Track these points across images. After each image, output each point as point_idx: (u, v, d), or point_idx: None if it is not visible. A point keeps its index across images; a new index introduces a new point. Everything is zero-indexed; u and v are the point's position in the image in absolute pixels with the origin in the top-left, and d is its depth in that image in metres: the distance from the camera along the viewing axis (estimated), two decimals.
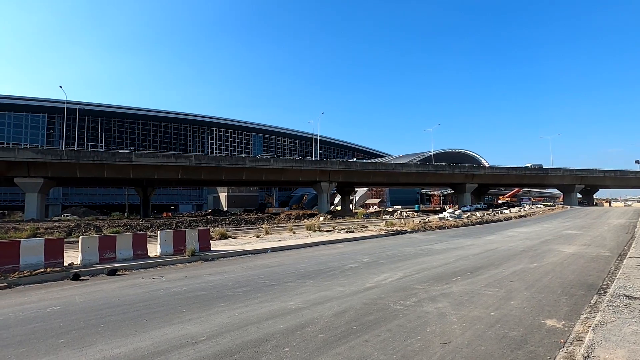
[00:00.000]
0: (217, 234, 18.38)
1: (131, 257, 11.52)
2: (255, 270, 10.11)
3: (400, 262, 10.84)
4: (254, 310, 6.16)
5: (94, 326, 5.53)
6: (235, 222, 35.59)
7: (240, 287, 8.01)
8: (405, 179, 57.18)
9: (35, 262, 9.83)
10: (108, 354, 4.42)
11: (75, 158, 37.27)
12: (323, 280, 8.47)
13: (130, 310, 6.35)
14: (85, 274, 9.73)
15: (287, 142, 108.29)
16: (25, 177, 36.26)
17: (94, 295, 7.61)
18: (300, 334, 4.93)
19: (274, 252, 14.16)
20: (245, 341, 4.71)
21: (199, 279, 9.14)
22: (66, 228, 27.51)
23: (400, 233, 21.37)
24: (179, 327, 5.38)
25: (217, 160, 44.19)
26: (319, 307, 6.23)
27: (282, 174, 47.86)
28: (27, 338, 5.09)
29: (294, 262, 11.57)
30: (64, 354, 4.48)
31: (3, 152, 35.85)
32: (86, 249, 10.71)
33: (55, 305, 6.89)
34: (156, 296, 7.39)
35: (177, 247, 12.61)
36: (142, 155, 40.67)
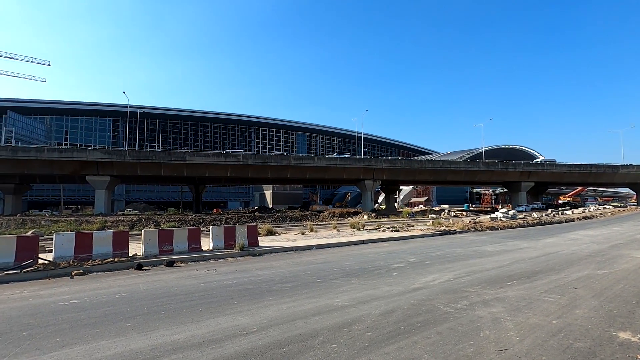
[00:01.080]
0: (263, 230, 18.98)
1: (186, 250, 12.30)
2: (301, 267, 10.31)
3: (449, 263, 10.44)
4: (301, 305, 6.29)
5: (156, 312, 5.98)
6: (280, 219, 36.50)
7: (287, 282, 8.21)
8: (453, 177, 54.82)
9: (105, 252, 10.86)
10: (169, 339, 4.77)
11: (136, 158, 40.51)
12: (369, 279, 8.41)
13: (187, 300, 6.78)
14: (147, 265, 10.55)
15: (331, 140, 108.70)
16: (95, 175, 40.09)
17: (155, 284, 8.24)
18: (348, 331, 4.95)
19: (319, 249, 14.32)
20: (293, 335, 4.83)
21: (248, 273, 9.51)
22: (129, 222, 30.02)
23: (449, 233, 20.56)
24: (231, 317, 5.65)
25: (263, 159, 45.57)
26: (366, 305, 6.20)
27: (326, 172, 48.16)
28: (100, 320, 5.64)
29: (339, 259, 11.61)
30: (131, 336, 4.91)
31: (77, 153, 39.96)
32: (147, 242, 11.63)
33: (122, 292, 7.56)
34: (210, 287, 7.83)
35: (227, 241, 13.23)
36: (194, 154, 43.15)
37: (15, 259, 9.56)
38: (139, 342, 4.66)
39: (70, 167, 39.72)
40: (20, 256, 9.62)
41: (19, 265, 9.41)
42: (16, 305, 6.67)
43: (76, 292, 7.64)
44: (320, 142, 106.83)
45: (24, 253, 9.71)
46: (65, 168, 39.71)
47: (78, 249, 10.47)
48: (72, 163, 39.44)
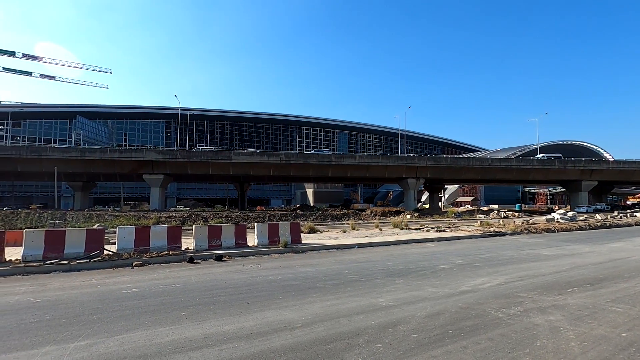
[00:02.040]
0: (306, 227, 19.26)
1: (233, 246, 12.84)
2: (343, 265, 10.34)
3: (500, 267, 9.90)
4: (345, 303, 6.31)
5: (207, 304, 6.32)
6: (321, 217, 36.79)
7: (331, 280, 8.27)
8: (503, 175, 51.75)
9: (161, 246, 11.66)
10: (220, 329, 5.02)
11: (186, 157, 42.94)
12: (413, 280, 8.23)
13: (236, 293, 7.09)
14: (198, 258, 11.17)
15: (372, 138, 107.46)
16: (151, 173, 43.09)
17: (206, 277, 8.70)
18: (392, 331, 4.89)
19: (361, 248, 14.25)
20: (337, 332, 4.86)
21: (291, 269, 9.72)
22: (180, 218, 31.92)
23: (499, 235, 19.47)
24: (277, 312, 5.81)
25: (305, 158, 46.17)
26: (411, 306, 6.08)
27: (367, 171, 47.72)
28: (158, 308, 6.07)
29: (382, 259, 11.48)
30: (185, 325, 5.23)
31: (135, 153, 43.23)
32: (198, 237, 12.32)
33: (177, 283, 8.08)
34: (256, 282, 8.11)
35: (271, 238, 13.61)
36: (239, 154, 44.82)
37: (85, 250, 10.58)
38: (193, 331, 4.95)
39: (129, 167, 43.07)
40: (89, 247, 10.64)
41: (88, 255, 10.41)
42: (87, 291, 7.39)
43: (137, 281, 8.29)
44: (361, 140, 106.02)
45: (92, 244, 10.72)
46: (124, 167, 43.13)
47: (137, 241, 11.35)
48: (131, 163, 42.72)
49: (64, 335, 4.80)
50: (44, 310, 6.00)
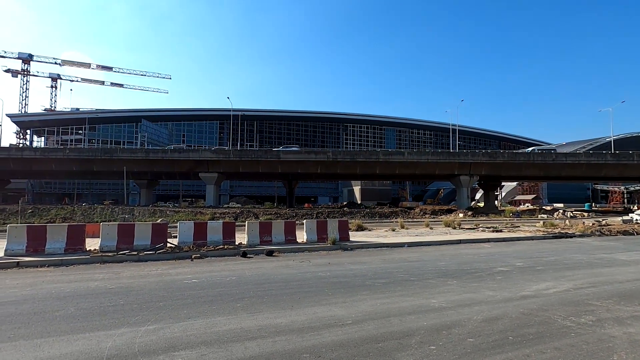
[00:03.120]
0: (353, 225, 19.22)
1: (283, 242, 13.21)
2: (393, 264, 10.16)
3: (568, 271, 9.08)
4: (396, 302, 6.21)
5: (260, 297, 6.58)
6: (369, 214, 36.45)
7: (380, 278, 8.18)
8: (569, 171, 47.27)
9: (216, 240, 12.35)
10: (272, 322, 5.20)
11: (238, 156, 44.90)
12: (468, 281, 7.85)
13: (286, 287, 7.29)
14: (250, 253, 11.66)
15: (421, 134, 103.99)
16: (206, 172, 45.69)
17: (258, 271, 9.05)
18: (447, 334, 4.71)
19: (411, 247, 13.90)
20: (388, 331, 4.81)
21: (340, 266, 9.77)
22: (233, 214, 33.51)
23: (565, 236, 17.87)
24: (327, 308, 5.89)
25: (352, 155, 45.96)
26: (466, 309, 5.82)
27: (417, 168, 46.30)
28: (215, 299, 6.45)
29: (434, 258, 11.10)
30: (241, 315, 5.50)
31: (192, 153, 46.13)
32: (250, 232, 12.86)
33: (232, 275, 8.51)
34: (306, 278, 8.28)
35: (319, 235, 13.78)
36: (288, 152, 45.85)
37: (151, 242, 11.55)
38: (248, 322, 5.19)
39: (186, 166, 46.05)
40: (154, 240, 11.59)
41: (154, 248, 11.34)
42: (153, 280, 8.07)
43: (196, 273, 8.87)
44: (409, 136, 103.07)
45: (157, 237, 11.67)
46: (183, 166, 46.19)
47: (196, 236, 12.14)
48: (188, 162, 45.64)
49: (136, 319, 5.29)
50: (119, 295, 6.66)
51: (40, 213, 30.95)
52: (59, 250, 10.77)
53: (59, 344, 4.37)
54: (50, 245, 10.77)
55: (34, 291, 7.01)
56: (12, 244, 10.55)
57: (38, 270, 9.21)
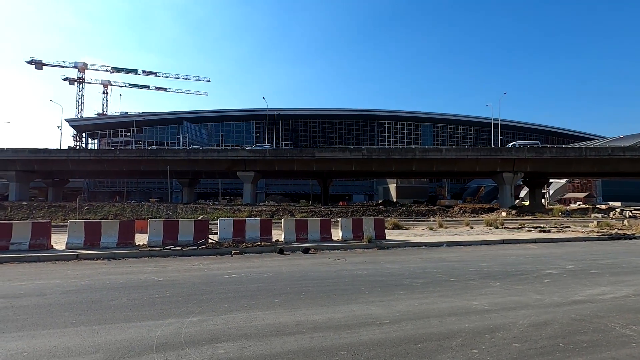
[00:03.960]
0: (389, 223, 18.94)
1: (319, 239, 13.31)
2: (431, 263, 9.91)
3: (627, 276, 8.37)
4: (434, 303, 6.05)
5: (297, 293, 6.69)
6: (405, 213, 35.74)
7: (418, 278, 8.01)
8: (628, 166, 43.37)
9: (254, 237, 12.70)
10: (310, 318, 5.27)
11: (274, 155, 45.78)
12: (513, 284, 7.48)
13: (323, 285, 7.35)
14: (287, 250, 11.86)
15: (460, 129, 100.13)
16: (243, 171, 47.06)
17: (295, 268, 9.20)
18: (490, 338, 4.53)
19: (450, 246, 13.46)
20: (427, 332, 4.70)
21: (377, 265, 9.68)
22: (269, 211, 34.24)
23: (622, 238, 16.45)
24: (363, 306, 5.86)
25: (387, 152, 45.26)
26: (510, 312, 5.54)
27: (455, 165, 44.67)
28: (254, 293, 6.64)
29: (475, 259, 10.68)
30: (279, 311, 5.62)
31: (230, 153, 47.73)
32: (287, 229, 13.09)
33: (269, 271, 8.72)
34: (342, 275, 8.29)
35: (355, 233, 13.73)
36: (322, 150, 46.06)
37: (194, 238, 12.11)
38: (286, 317, 5.30)
39: (225, 165, 47.69)
40: (196, 236, 12.14)
41: (196, 243, 11.88)
42: (196, 274, 8.46)
43: (235, 268, 9.18)
44: (448, 132, 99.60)
45: (198, 234, 12.22)
46: (221, 165, 47.88)
47: (235, 232, 12.57)
48: (226, 161, 47.24)
49: (181, 310, 5.59)
50: (165, 288, 7.06)
51: (94, 210, 33.48)
52: (112, 244, 11.60)
53: (114, 331, 4.72)
54: (105, 239, 11.63)
55: (92, 282, 7.62)
56: (72, 238, 11.51)
57: (94, 263, 9.99)
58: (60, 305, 5.84)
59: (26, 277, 8.05)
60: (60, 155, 46.67)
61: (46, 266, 9.46)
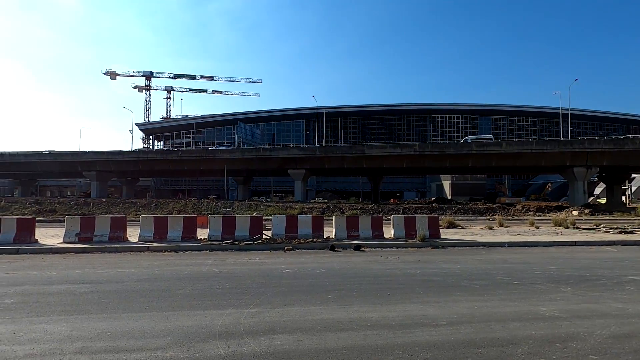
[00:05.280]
0: (444, 222, 18.18)
1: (370, 237, 13.20)
2: (491, 265, 9.34)
3: None
4: (496, 307, 5.71)
5: (349, 290, 6.70)
6: (461, 211, 34.05)
7: (477, 279, 7.60)
8: None
9: (306, 233, 12.95)
10: (363, 315, 5.26)
11: (324, 153, 46.21)
12: (587, 290, 6.78)
13: (375, 283, 7.29)
14: (338, 247, 11.93)
15: (523, 121, 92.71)
16: (294, 168, 48.15)
17: (347, 265, 9.23)
18: (561, 347, 4.16)
19: (513, 247, 12.57)
20: (489, 337, 4.45)
21: (431, 264, 9.36)
22: (320, 208, 34.66)
23: None
24: (418, 306, 5.71)
25: (441, 148, 43.40)
26: (585, 321, 5.04)
27: (518, 159, 41.48)
28: (308, 289, 6.77)
29: (541, 261, 9.86)
30: (332, 307, 5.68)
31: (281, 151, 49.12)
32: (338, 227, 13.16)
33: (322, 268, 8.84)
34: (395, 274, 8.15)
35: (408, 231, 13.39)
36: (372, 147, 45.52)
37: (249, 233, 12.68)
38: (339, 313, 5.34)
39: (276, 163, 49.17)
40: (252, 231, 12.71)
41: (251, 238, 12.43)
42: (253, 268, 8.86)
43: (289, 263, 9.45)
44: (508, 124, 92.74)
45: (254, 229, 12.77)
46: (273, 163, 49.45)
47: (288, 228, 12.93)
48: (278, 160, 48.67)
49: (239, 302, 5.89)
50: (225, 280, 7.49)
51: (161, 206, 36.50)
52: (177, 238, 12.57)
53: (182, 317, 5.12)
54: (171, 233, 12.64)
55: (161, 271, 8.33)
56: (144, 232, 12.68)
57: (162, 254, 10.90)
58: (136, 292, 6.48)
59: (107, 266, 9.04)
60: (131, 157, 51.51)
61: (123, 256, 10.53)
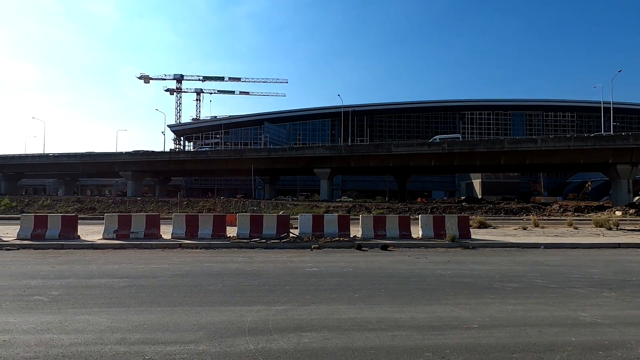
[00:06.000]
0: (475, 222, 17.62)
1: (397, 236, 13.01)
2: (525, 267, 8.96)
3: None
4: (531, 311, 5.47)
5: (377, 289, 6.64)
6: (492, 211, 32.86)
7: (510, 282, 7.32)
8: None
9: (332, 232, 12.96)
10: (391, 315, 5.19)
11: (349, 152, 46.02)
12: (634, 296, 6.36)
13: (403, 283, 7.18)
14: (365, 246, 11.86)
15: (559, 116, 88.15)
16: (320, 167, 48.30)
17: (374, 264, 9.15)
18: (604, 356, 3.93)
19: (549, 248, 11.99)
20: (524, 342, 4.27)
21: (461, 265, 9.10)
22: (346, 207, 34.56)
23: None
24: (448, 308, 5.57)
25: (471, 145, 42.10)
26: (632, 329, 4.73)
27: (554, 157, 39.49)
28: (334, 287, 6.78)
29: (581, 264, 9.34)
30: (359, 306, 5.66)
31: (307, 150, 49.41)
32: (364, 226, 13.08)
33: (348, 267, 8.82)
34: (423, 274, 7.99)
35: (436, 231, 13.09)
36: (399, 145, 44.81)
37: (276, 232, 12.86)
38: (366, 313, 5.31)
39: (302, 162, 49.50)
40: (279, 230, 12.87)
41: (278, 237, 12.60)
42: (280, 266, 8.98)
43: (316, 261, 9.49)
44: (543, 120, 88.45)
45: (280, 228, 12.93)
46: (299, 163, 49.82)
47: (314, 227, 13.00)
48: (304, 159, 48.99)
49: (268, 299, 5.99)
50: (253, 277, 7.64)
51: (192, 204, 37.72)
52: (208, 236, 12.95)
53: (213, 313, 5.28)
54: (202, 231, 13.04)
55: (193, 268, 8.62)
56: (176, 229, 13.16)
57: (193, 251, 11.27)
58: (170, 287, 6.74)
59: (143, 261, 9.46)
60: (164, 157, 53.58)
61: (157, 253, 10.98)
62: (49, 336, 4.35)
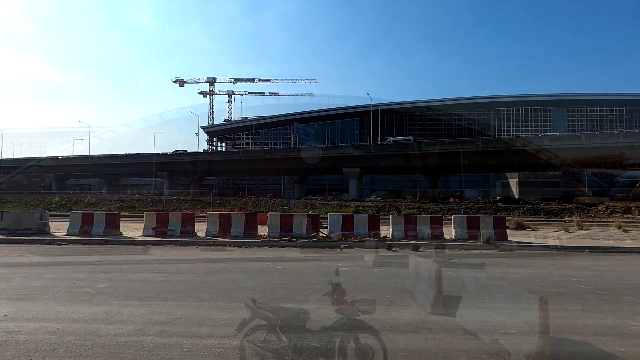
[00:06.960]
0: (512, 223, 16.87)
1: (429, 237, 12.73)
2: (568, 271, 8.47)
3: None
4: (575, 318, 5.18)
5: (408, 291, 6.53)
6: (531, 211, 31.30)
7: (551, 287, 6.95)
8: None
9: (362, 232, 12.89)
10: (423, 318, 5.09)
11: (379, 151, 45.55)
12: None
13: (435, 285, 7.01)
14: (395, 246, 11.69)
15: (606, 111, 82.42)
16: (349, 167, 48.15)
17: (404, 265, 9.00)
18: None
19: (595, 252, 11.26)
20: (567, 351, 4.06)
21: (497, 268, 8.76)
22: (375, 207, 34.21)
23: None
24: (483, 312, 5.38)
25: (506, 143, 40.35)
26: None
27: (600, 154, 36.98)
28: (366, 288, 6.74)
29: (631, 269, 8.72)
30: (390, 307, 5.59)
31: (336, 150, 49.48)
32: (395, 226, 12.90)
33: (379, 267, 8.74)
34: (456, 276, 7.78)
35: (470, 232, 12.67)
36: (429, 144, 43.82)
37: (306, 231, 12.97)
38: (396, 314, 5.25)
39: (331, 162, 49.54)
40: (309, 229, 12.98)
41: (308, 236, 12.70)
42: (311, 264, 9.07)
43: (345, 260, 9.48)
44: (588, 115, 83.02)
45: (310, 227, 13.03)
46: (328, 162, 49.90)
47: (343, 227, 12.99)
48: (333, 158, 49.02)
49: (298, 297, 6.06)
50: (284, 275, 7.76)
51: (224, 203, 38.85)
52: (240, 234, 13.29)
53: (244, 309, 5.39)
54: (234, 229, 13.41)
55: (226, 265, 8.90)
56: (210, 227, 13.62)
57: (226, 249, 11.62)
58: (205, 283, 6.99)
59: (179, 258, 9.87)
60: (197, 157, 55.64)
61: (192, 249, 11.42)
62: (96, 326, 4.65)
